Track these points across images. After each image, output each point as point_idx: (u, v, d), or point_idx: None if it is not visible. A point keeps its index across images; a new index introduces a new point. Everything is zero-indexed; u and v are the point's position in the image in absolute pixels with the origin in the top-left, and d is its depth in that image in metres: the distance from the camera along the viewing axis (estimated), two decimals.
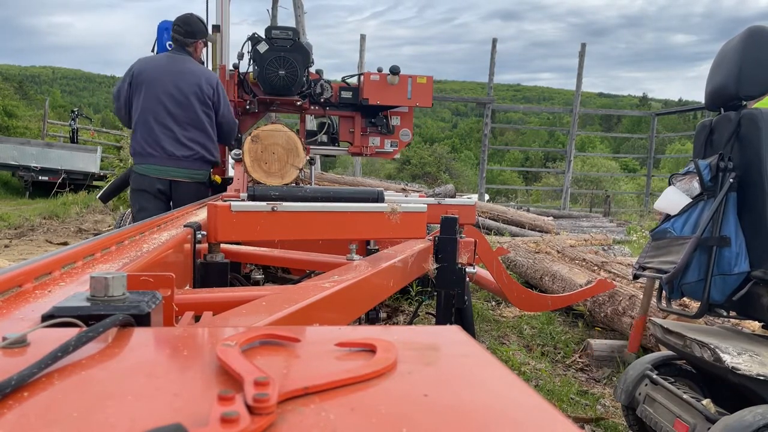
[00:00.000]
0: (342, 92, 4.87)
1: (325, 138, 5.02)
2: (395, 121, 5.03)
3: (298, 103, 4.63)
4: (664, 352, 2.68)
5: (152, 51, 4.32)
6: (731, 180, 2.27)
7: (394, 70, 4.68)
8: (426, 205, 2.12)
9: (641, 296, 3.94)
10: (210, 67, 4.47)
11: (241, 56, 4.55)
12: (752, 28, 2.34)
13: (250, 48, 4.42)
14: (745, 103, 2.36)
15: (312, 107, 4.88)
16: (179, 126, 3.69)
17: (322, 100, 4.80)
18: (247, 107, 4.63)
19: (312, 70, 4.71)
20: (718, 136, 2.45)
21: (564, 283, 4.93)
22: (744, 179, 2.28)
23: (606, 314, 4.20)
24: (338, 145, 5.13)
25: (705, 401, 2.15)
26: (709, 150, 2.51)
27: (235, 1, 4.37)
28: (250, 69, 4.51)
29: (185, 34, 3.79)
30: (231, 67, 4.56)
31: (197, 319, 1.17)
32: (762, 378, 1.99)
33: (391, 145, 5.02)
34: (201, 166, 3.79)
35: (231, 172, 4.45)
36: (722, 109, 2.47)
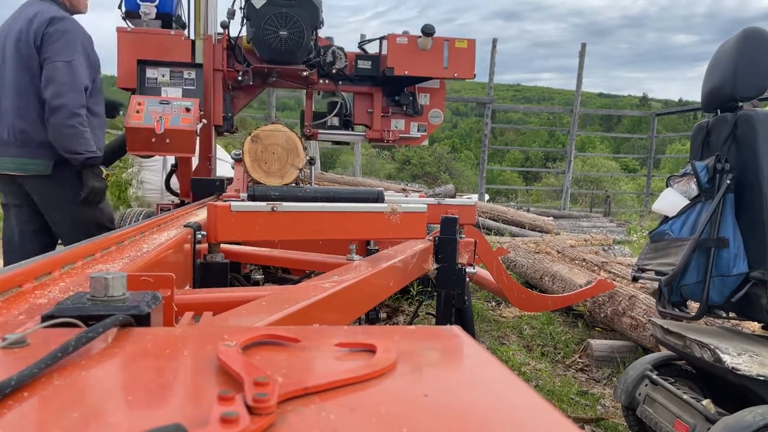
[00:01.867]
0: (359, 62, 3.91)
1: (336, 120, 4.07)
2: (423, 99, 4.06)
3: (304, 73, 3.67)
4: (664, 352, 2.68)
5: (119, 7, 3.50)
6: (728, 181, 2.27)
7: (428, 30, 3.67)
8: (426, 205, 2.13)
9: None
10: (192, 34, 3.59)
11: (231, 14, 3.60)
12: (747, 29, 2.34)
13: (243, 4, 3.52)
14: (741, 104, 2.36)
15: (321, 81, 3.94)
16: (4, 96, 2.76)
17: (333, 71, 3.84)
18: (240, 79, 3.66)
19: (321, 34, 3.81)
20: (715, 138, 2.45)
21: (564, 283, 4.93)
22: (741, 180, 2.28)
23: (606, 314, 4.20)
24: (352, 130, 4.18)
25: (705, 401, 2.15)
26: (706, 151, 2.51)
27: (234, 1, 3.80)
28: (243, 31, 3.61)
29: None
30: (219, 30, 3.63)
31: (197, 319, 1.17)
32: (762, 378, 1.99)
33: (418, 129, 4.09)
34: (35, 154, 2.72)
35: (218, 172, 4.03)
36: (719, 111, 2.47)
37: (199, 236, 1.82)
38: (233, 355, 0.54)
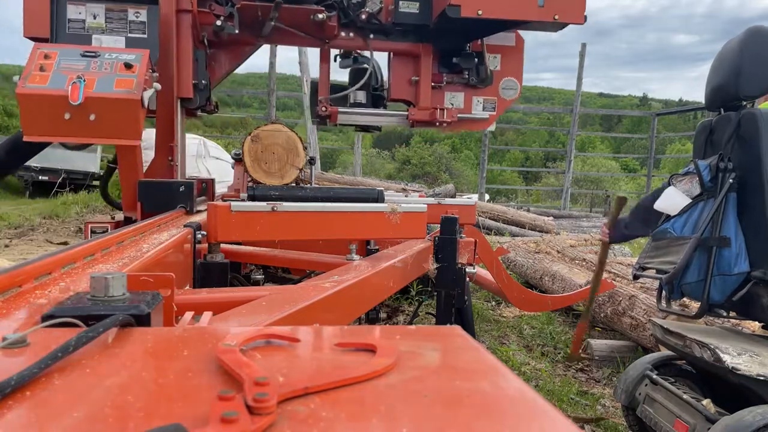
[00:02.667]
0: (400, 4, 2.72)
1: (362, 96, 2.89)
2: (493, 62, 2.91)
3: (319, 16, 2.57)
4: (664, 352, 2.68)
5: None
6: (731, 180, 2.27)
7: None
8: (426, 205, 2.13)
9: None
10: None
11: None
12: (752, 28, 2.34)
13: None
14: (746, 103, 2.36)
15: (342, 34, 2.81)
16: None
17: (362, 17, 2.71)
18: (220, 26, 2.54)
19: None
20: (718, 137, 2.45)
21: (564, 283, 4.93)
22: (744, 179, 2.28)
23: (606, 314, 4.20)
24: (385, 108, 3.03)
25: (705, 401, 2.15)
26: (709, 150, 2.51)
27: None
28: None
29: None
30: None
31: (197, 319, 1.17)
32: (762, 378, 1.99)
33: (484, 107, 2.93)
34: None
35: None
36: (722, 109, 2.47)
37: (199, 236, 1.82)
38: (233, 355, 0.54)
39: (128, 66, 1.90)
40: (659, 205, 2.56)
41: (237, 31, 2.60)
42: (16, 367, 0.49)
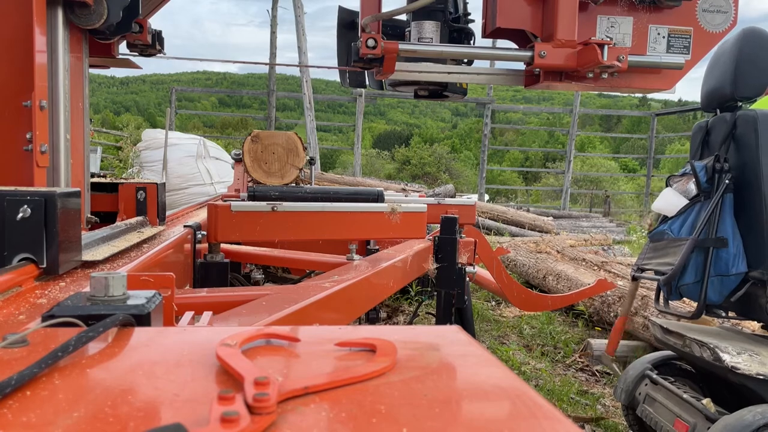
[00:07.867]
0: None
1: (430, 31, 1.79)
2: None
3: None
4: (664, 351, 2.68)
5: None
6: (727, 181, 2.28)
7: None
8: (426, 205, 2.13)
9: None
10: None
11: None
12: (746, 29, 2.35)
13: None
14: (741, 104, 2.37)
15: None
16: None
17: None
18: None
19: None
20: (714, 138, 2.46)
21: (570, 282, 4.91)
22: (740, 180, 2.28)
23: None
24: (468, 48, 1.92)
25: (705, 400, 2.15)
26: (706, 151, 2.52)
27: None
28: None
29: None
30: None
31: (197, 319, 1.17)
32: (762, 377, 1.99)
33: (670, 45, 1.86)
34: None
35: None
36: (718, 111, 2.48)
37: (199, 236, 1.82)
38: (233, 355, 0.54)
39: None
40: (657, 206, 2.57)
41: None
42: (16, 367, 0.49)
